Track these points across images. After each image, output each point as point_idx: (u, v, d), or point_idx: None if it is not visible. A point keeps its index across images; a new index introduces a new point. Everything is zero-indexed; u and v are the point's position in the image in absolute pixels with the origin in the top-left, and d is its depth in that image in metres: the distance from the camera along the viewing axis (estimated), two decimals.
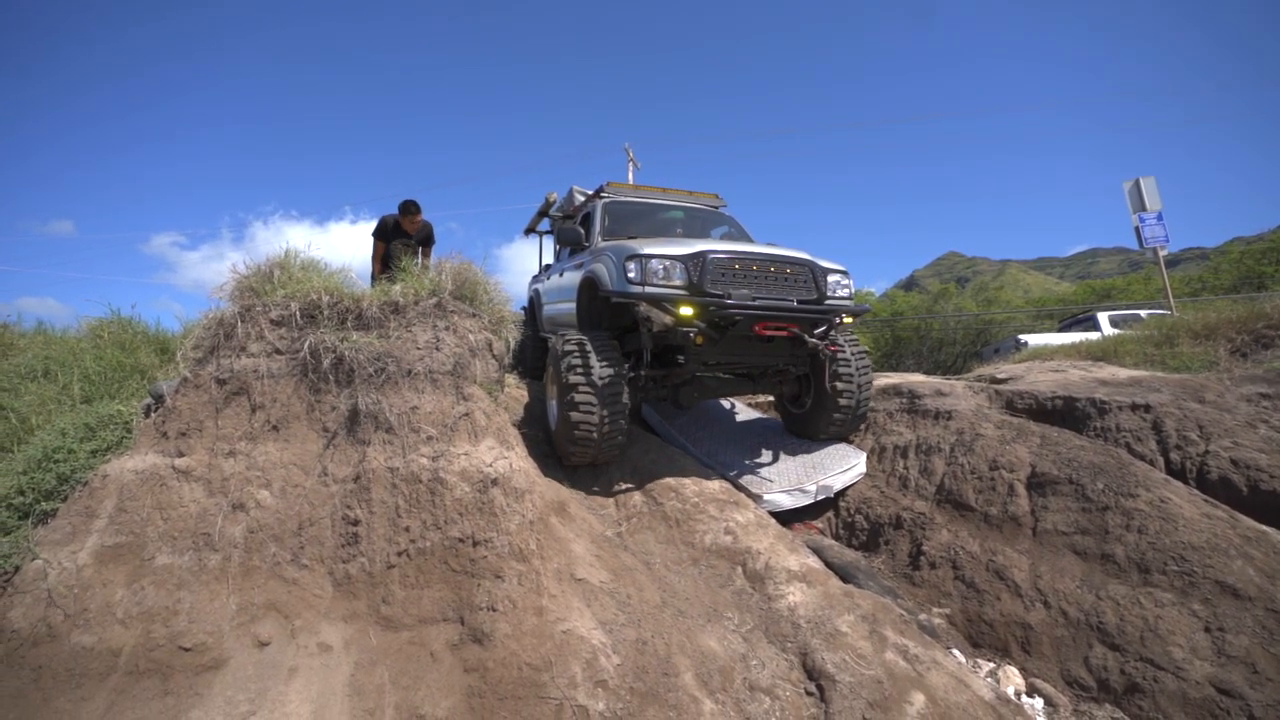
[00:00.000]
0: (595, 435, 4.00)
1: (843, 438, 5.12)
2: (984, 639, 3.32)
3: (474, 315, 3.57)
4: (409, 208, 5.41)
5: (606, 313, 4.66)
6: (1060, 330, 11.47)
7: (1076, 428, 4.41)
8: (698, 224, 5.94)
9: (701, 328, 3.85)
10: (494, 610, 2.63)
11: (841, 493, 4.64)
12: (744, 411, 6.31)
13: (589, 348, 4.08)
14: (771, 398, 6.32)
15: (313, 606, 2.70)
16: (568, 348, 4.14)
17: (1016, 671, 3.06)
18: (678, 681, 2.65)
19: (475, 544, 2.78)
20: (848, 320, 4.32)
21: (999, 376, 5.55)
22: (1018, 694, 2.92)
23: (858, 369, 4.78)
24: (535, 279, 7.68)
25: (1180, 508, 3.33)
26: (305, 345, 3.07)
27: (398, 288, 3.43)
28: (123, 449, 3.08)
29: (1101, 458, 3.78)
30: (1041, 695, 2.91)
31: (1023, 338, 10.01)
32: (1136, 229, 8.92)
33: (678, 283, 3.89)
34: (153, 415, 3.14)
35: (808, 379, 5.06)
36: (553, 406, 4.53)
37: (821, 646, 2.94)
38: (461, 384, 3.21)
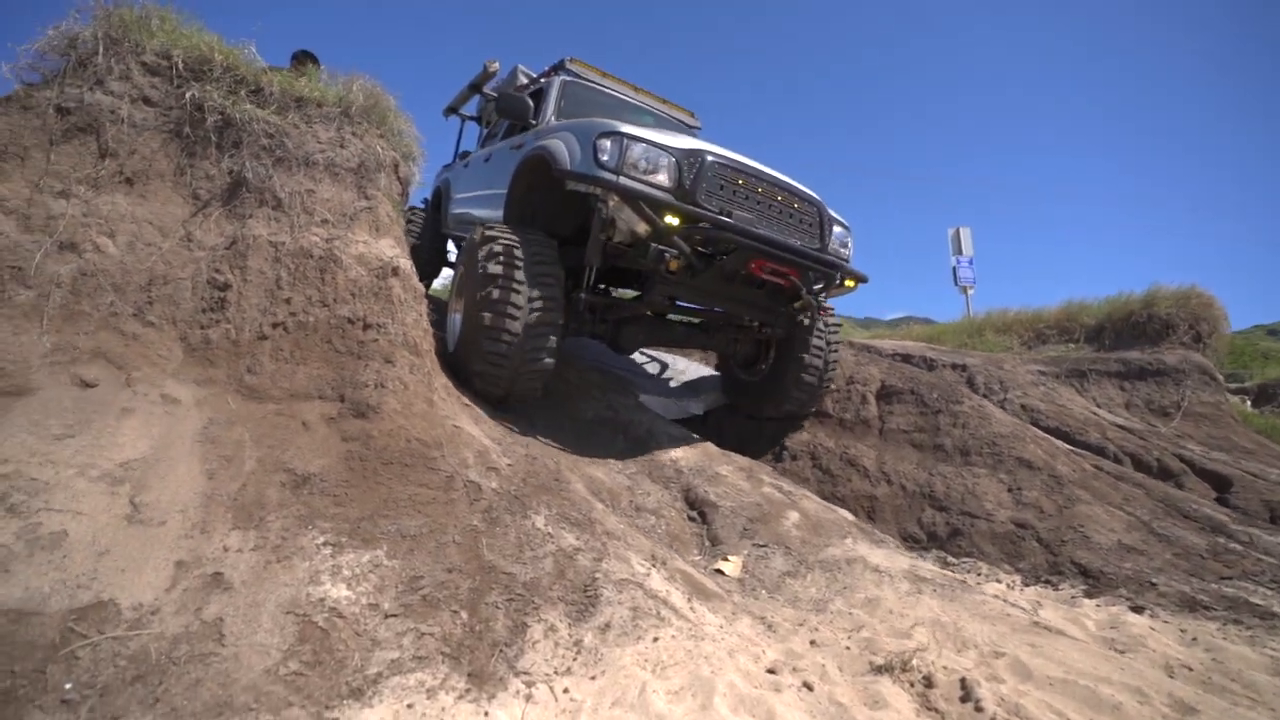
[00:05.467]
0: (509, 368, 3.08)
1: (795, 416, 4.35)
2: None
3: (382, 136, 3.34)
4: (302, 58, 4.81)
5: (546, 210, 3.68)
6: None
7: None
8: None
9: (682, 250, 2.96)
10: (383, 387, 2.44)
11: (712, 409, 4.89)
12: None
13: (519, 251, 3.08)
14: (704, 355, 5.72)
15: (156, 365, 2.30)
16: (493, 247, 3.09)
17: None
18: (569, 486, 2.64)
19: (367, 326, 2.57)
20: (850, 285, 3.66)
21: (853, 342, 6.27)
22: None
23: (829, 339, 4.10)
24: (446, 168, 6.27)
25: (993, 411, 4.00)
26: (188, 96, 2.67)
27: (303, 81, 3.12)
28: None
29: (936, 378, 4.43)
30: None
31: None
32: (954, 269, 10.62)
33: (663, 181, 2.98)
34: None
35: (767, 343, 4.28)
36: (455, 320, 3.48)
37: (703, 484, 3.07)
38: (365, 184, 2.98)
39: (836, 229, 3.59)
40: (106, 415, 2.02)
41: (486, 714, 1.31)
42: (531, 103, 4.11)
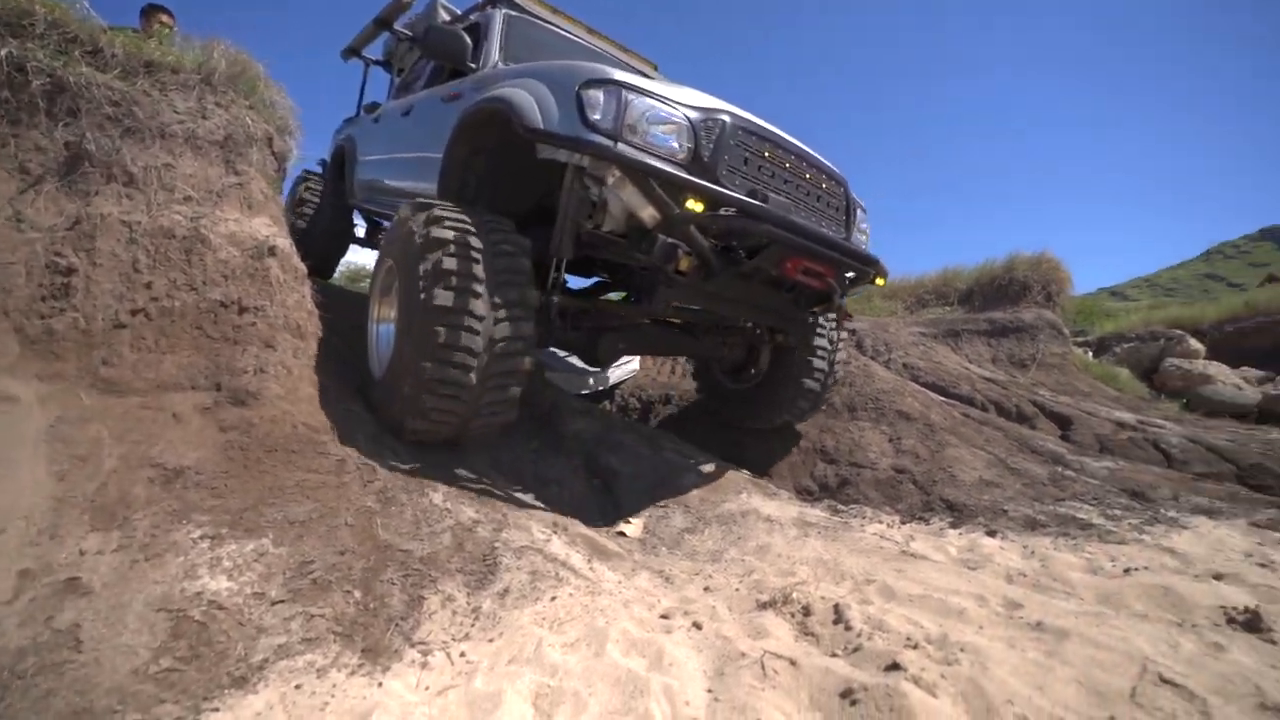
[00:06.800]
0: (467, 402, 2.31)
1: (794, 423, 3.88)
2: None
3: (251, 107, 3.10)
4: (152, 12, 4.32)
5: (493, 181, 2.96)
6: None
7: None
8: None
9: (699, 246, 2.32)
10: (264, 373, 2.32)
11: (617, 385, 4.99)
12: None
13: (475, 242, 2.31)
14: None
15: None
16: (438, 236, 2.30)
17: None
18: (469, 462, 2.61)
19: (243, 310, 2.42)
20: (880, 283, 3.09)
21: None
22: None
23: (832, 337, 3.57)
24: (349, 123, 5.21)
25: (877, 370, 4.33)
26: (3, 54, 2.36)
27: (152, 43, 2.84)
28: None
29: None
30: None
31: None
32: None
33: (675, 150, 2.29)
34: None
35: (757, 347, 3.74)
36: (383, 334, 2.76)
37: (606, 452, 3.14)
38: (234, 159, 2.77)
39: (859, 214, 3.05)
40: None
41: (380, 685, 1.31)
42: (470, 41, 3.20)
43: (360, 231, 5.27)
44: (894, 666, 1.36)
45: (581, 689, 1.29)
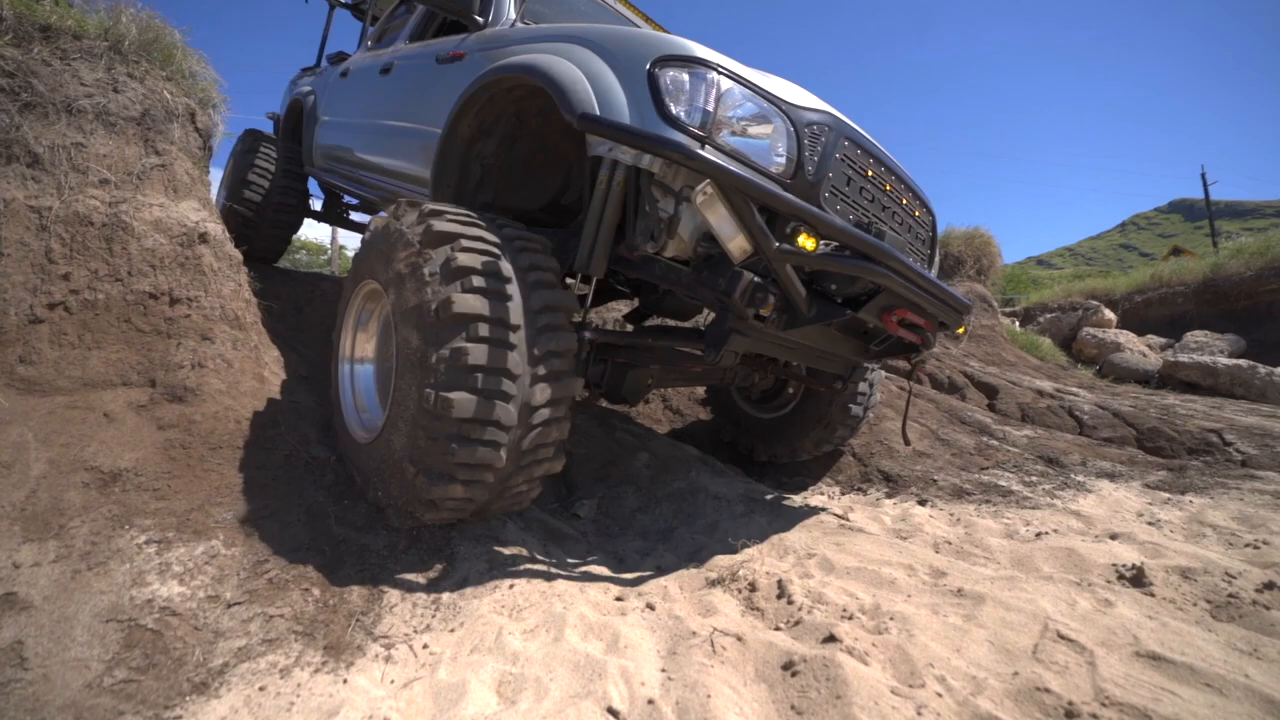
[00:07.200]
0: (493, 483, 1.75)
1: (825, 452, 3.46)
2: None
3: (169, 79, 2.90)
4: None
5: (500, 168, 2.41)
6: None
7: None
8: None
9: (795, 290, 1.78)
10: (202, 367, 2.24)
11: None
12: None
13: (504, 267, 1.72)
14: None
15: None
16: (455, 258, 1.68)
17: None
18: None
19: (174, 301, 2.31)
20: (961, 332, 2.55)
21: None
22: None
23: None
24: (307, 73, 4.56)
25: None
26: None
27: (46, 5, 2.60)
28: None
29: None
30: None
31: None
32: None
33: (778, 161, 1.78)
34: None
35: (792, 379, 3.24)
36: (358, 378, 2.24)
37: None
38: (153, 137, 2.60)
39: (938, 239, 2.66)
40: None
41: (345, 681, 1.35)
42: None
43: (317, 205, 4.50)
44: (830, 639, 1.49)
45: (543, 675, 1.36)
